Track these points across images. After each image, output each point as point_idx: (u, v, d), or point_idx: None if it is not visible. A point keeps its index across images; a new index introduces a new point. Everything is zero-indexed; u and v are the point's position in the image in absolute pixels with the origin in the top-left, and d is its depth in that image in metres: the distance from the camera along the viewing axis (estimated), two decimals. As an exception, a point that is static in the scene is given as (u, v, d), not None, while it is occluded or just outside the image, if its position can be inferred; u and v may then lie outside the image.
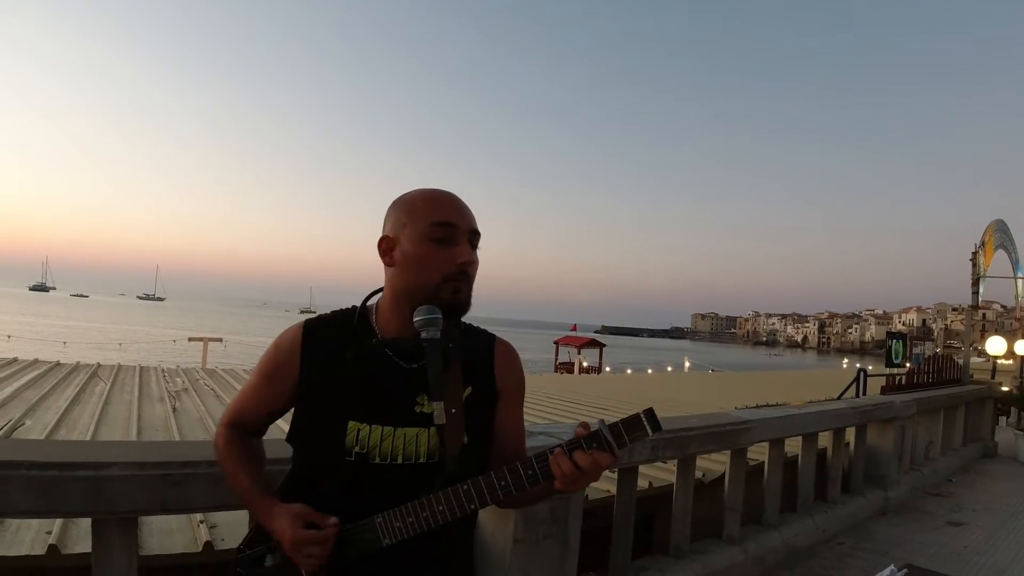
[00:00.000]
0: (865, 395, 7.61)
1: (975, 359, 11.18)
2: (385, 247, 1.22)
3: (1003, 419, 10.94)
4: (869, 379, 8.37)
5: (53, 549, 2.29)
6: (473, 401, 1.23)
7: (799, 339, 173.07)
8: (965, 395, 7.99)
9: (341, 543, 1.14)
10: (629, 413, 1.05)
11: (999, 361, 12.91)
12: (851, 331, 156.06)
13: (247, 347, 32.67)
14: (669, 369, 34.59)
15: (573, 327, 38.07)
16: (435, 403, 1.15)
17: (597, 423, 1.06)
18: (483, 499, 1.09)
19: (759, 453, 4.42)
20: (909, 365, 8.63)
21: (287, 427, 1.28)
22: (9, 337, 29.18)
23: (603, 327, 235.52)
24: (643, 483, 3.73)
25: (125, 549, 1.70)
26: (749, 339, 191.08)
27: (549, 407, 8.14)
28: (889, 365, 8.89)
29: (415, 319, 1.16)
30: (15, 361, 9.22)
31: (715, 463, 4.55)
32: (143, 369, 9.47)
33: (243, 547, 1.25)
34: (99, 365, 9.66)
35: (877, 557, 4.23)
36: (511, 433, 1.30)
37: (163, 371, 9.54)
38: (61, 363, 9.54)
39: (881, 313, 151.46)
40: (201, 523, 2.59)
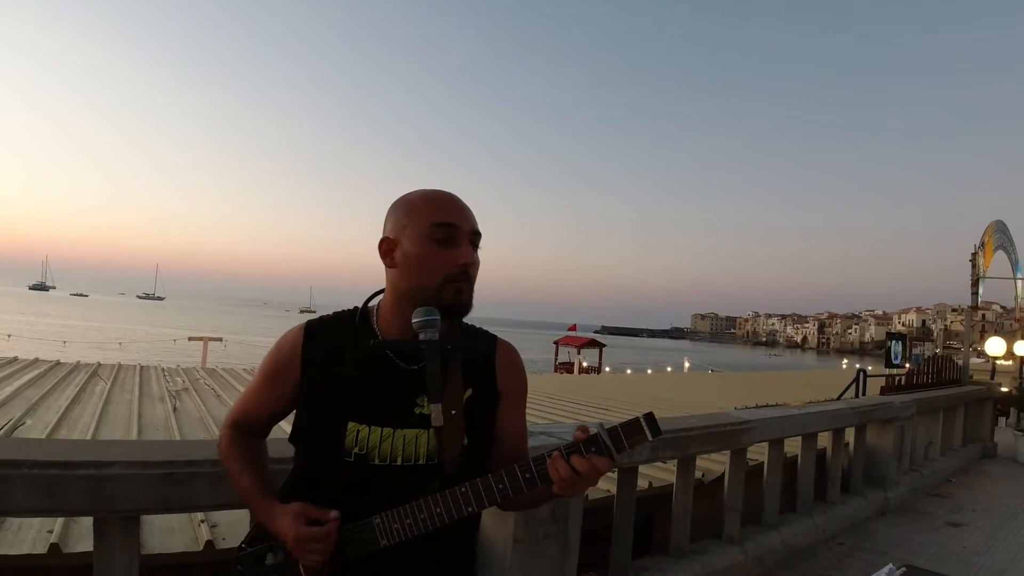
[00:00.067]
0: (865, 395, 7.61)
1: (975, 360, 11.19)
2: (386, 248, 1.22)
3: (1002, 420, 10.94)
4: (869, 379, 8.35)
5: (55, 548, 2.31)
6: (474, 402, 1.22)
7: (799, 339, 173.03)
8: (964, 396, 7.99)
9: (340, 543, 1.14)
10: (629, 413, 1.03)
11: (998, 362, 12.93)
12: (851, 332, 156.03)
13: (247, 347, 32.69)
14: (669, 369, 34.58)
15: (572, 327, 38.02)
16: (433, 405, 1.14)
17: (596, 426, 1.05)
18: (481, 502, 1.08)
19: (759, 453, 4.43)
20: (908, 366, 8.65)
21: (289, 427, 1.29)
22: (9, 336, 29.19)
23: (603, 327, 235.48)
24: (643, 483, 3.74)
25: (127, 548, 1.71)
26: (749, 339, 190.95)
27: (549, 407, 8.15)
28: (889, 366, 8.90)
29: (413, 320, 1.15)
30: (15, 360, 9.23)
31: (715, 463, 4.56)
32: (143, 368, 9.48)
33: (244, 545, 1.26)
34: (99, 364, 9.67)
35: (876, 557, 4.23)
36: (513, 434, 1.29)
37: (163, 370, 9.55)
38: (61, 362, 9.56)
39: (881, 314, 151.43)
40: (202, 522, 2.60)
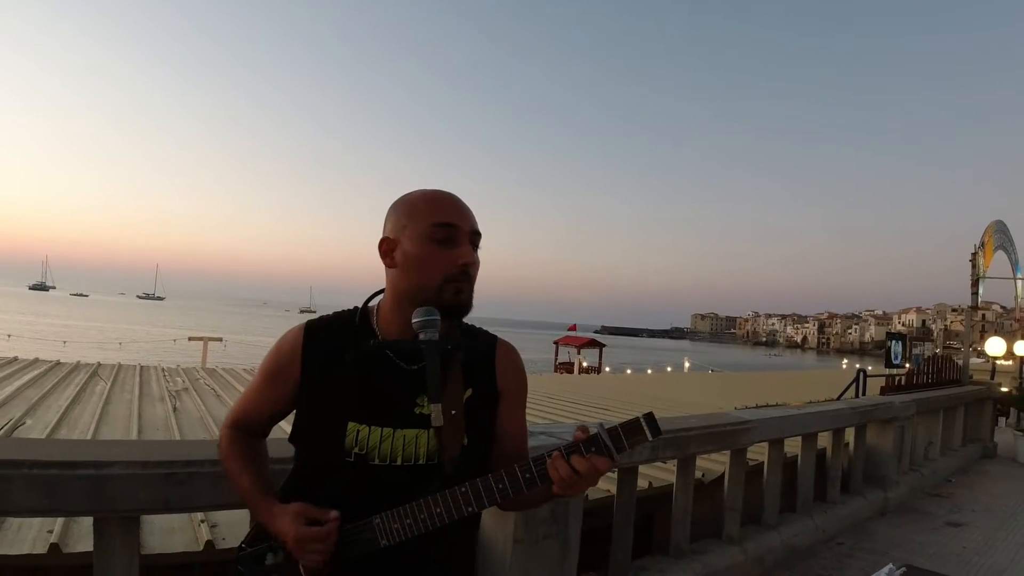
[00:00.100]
0: (864, 395, 7.61)
1: (975, 360, 11.19)
2: (386, 248, 1.22)
3: (1002, 420, 10.94)
4: (868, 379, 8.35)
5: (55, 548, 2.31)
6: (474, 402, 1.22)
7: (799, 339, 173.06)
8: (964, 396, 8.00)
9: (340, 543, 1.14)
10: (629, 413, 1.03)
11: (998, 362, 12.93)
12: (851, 332, 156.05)
13: (247, 347, 32.68)
14: (669, 369, 34.58)
15: (572, 327, 38.01)
16: (433, 405, 1.14)
17: (596, 426, 1.04)
18: (480, 502, 1.08)
19: (759, 453, 4.43)
20: (908, 366, 8.65)
21: (289, 427, 1.29)
22: (9, 336, 29.17)
23: (603, 327, 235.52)
24: (643, 483, 3.74)
25: (127, 548, 1.71)
26: (749, 339, 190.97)
27: (549, 407, 8.16)
28: (889, 366, 8.90)
29: (413, 320, 1.15)
30: (15, 360, 9.23)
31: (715, 463, 4.56)
32: (143, 368, 9.48)
33: (244, 545, 1.26)
34: (99, 364, 9.67)
35: (876, 557, 4.24)
36: (513, 434, 1.29)
37: (163, 370, 9.55)
38: (61, 362, 9.56)
39: (881, 314, 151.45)
40: (202, 522, 2.60)
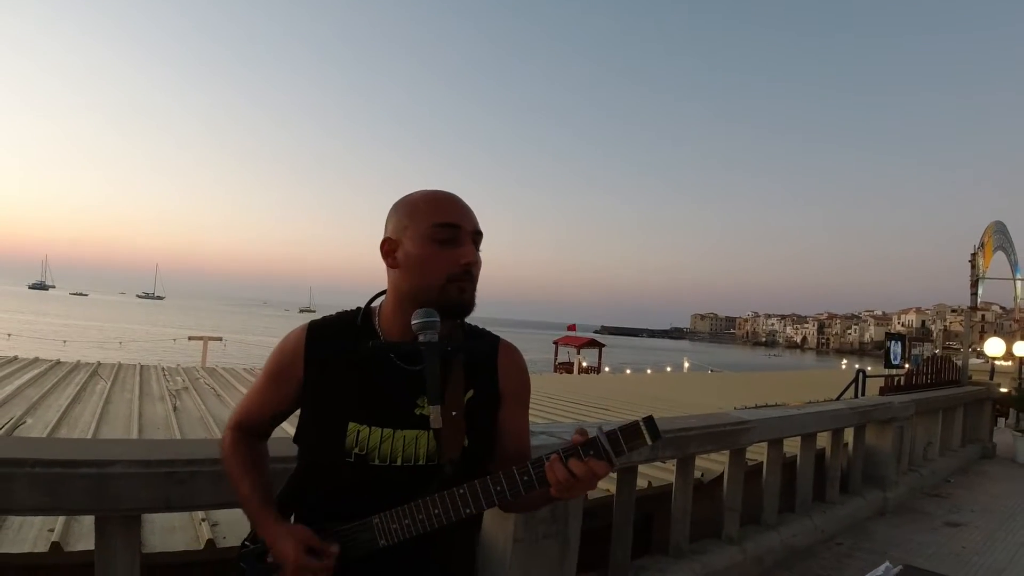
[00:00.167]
0: (864, 396, 7.62)
1: (974, 360, 11.20)
2: (388, 248, 1.22)
3: (1002, 420, 10.95)
4: (868, 380, 8.36)
5: (56, 546, 2.31)
6: (475, 403, 1.22)
7: (798, 340, 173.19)
8: (964, 396, 8.00)
9: (340, 543, 1.14)
10: (629, 413, 1.03)
11: (998, 362, 12.96)
12: (850, 332, 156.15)
13: (247, 346, 32.66)
14: (668, 369, 34.55)
15: (571, 327, 38.01)
16: (432, 407, 1.14)
17: (595, 429, 1.03)
18: (479, 503, 1.08)
19: (758, 453, 4.43)
20: (908, 366, 8.67)
21: (291, 427, 1.29)
22: (9, 336, 29.13)
23: (602, 327, 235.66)
24: (642, 483, 3.74)
25: (128, 546, 1.72)
26: (748, 340, 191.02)
27: (549, 407, 8.15)
28: (888, 366, 8.92)
29: (413, 322, 1.15)
30: (15, 360, 9.23)
31: (714, 463, 4.56)
32: (143, 368, 9.48)
33: (247, 542, 1.26)
34: (99, 364, 9.67)
35: (875, 557, 4.24)
36: (515, 436, 1.28)
37: (163, 370, 9.55)
38: (61, 362, 9.56)
39: (880, 314, 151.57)
40: (203, 521, 2.61)
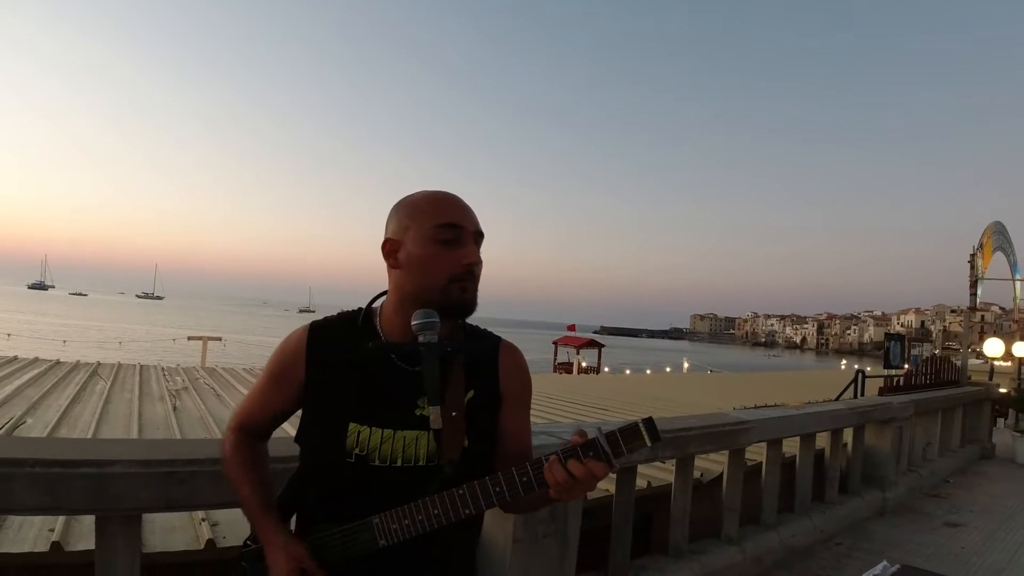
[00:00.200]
0: (863, 396, 7.62)
1: (973, 361, 11.21)
2: (389, 249, 1.22)
3: (1001, 421, 10.95)
4: (867, 380, 8.37)
5: (56, 546, 2.31)
6: (475, 404, 1.22)
7: (798, 340, 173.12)
8: (963, 397, 8.02)
9: (340, 543, 1.15)
10: (628, 414, 1.03)
11: (997, 363, 12.97)
12: (850, 332, 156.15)
13: (247, 346, 32.70)
14: (668, 370, 34.55)
15: (571, 327, 37.99)
16: (432, 407, 1.14)
17: (594, 431, 1.03)
18: (478, 504, 1.08)
19: (757, 453, 4.44)
20: (907, 366, 8.66)
21: (290, 428, 1.29)
22: (9, 335, 29.13)
23: (602, 327, 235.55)
24: (641, 483, 3.74)
25: (128, 546, 1.72)
26: (748, 340, 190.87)
27: (548, 407, 8.15)
28: (887, 366, 8.91)
29: (412, 323, 1.15)
30: (15, 359, 9.23)
31: (713, 463, 4.56)
32: (143, 368, 9.48)
33: (249, 541, 1.27)
34: (99, 364, 9.66)
35: (875, 557, 4.22)
36: (516, 436, 1.28)
37: (163, 370, 9.55)
38: (61, 361, 9.56)
39: (880, 314, 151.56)
40: (203, 521, 2.61)
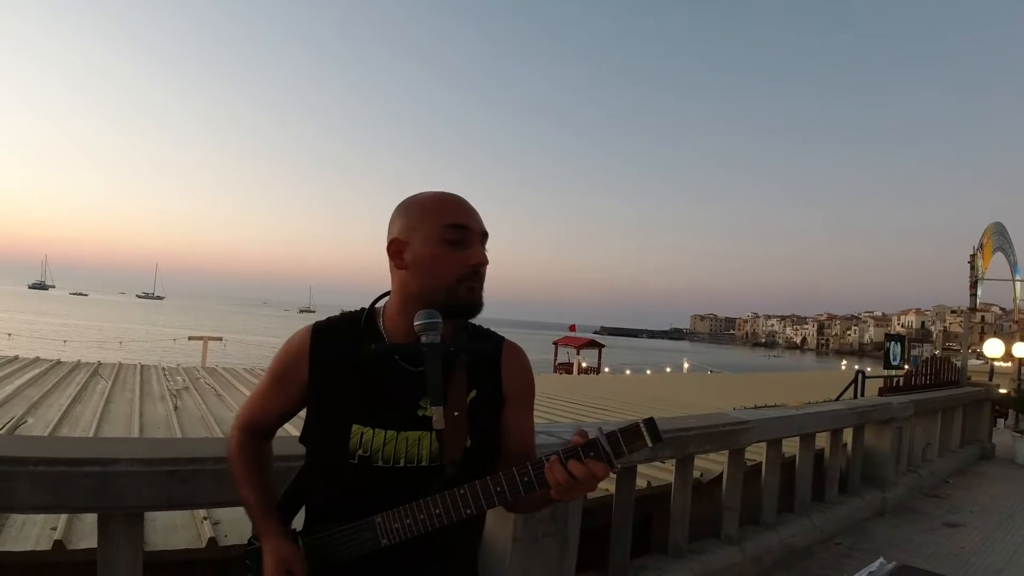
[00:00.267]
0: (863, 396, 7.63)
1: (973, 361, 11.21)
2: (395, 249, 1.22)
3: (1001, 421, 10.96)
4: (867, 380, 8.37)
5: (59, 544, 2.32)
6: (478, 404, 1.23)
7: (798, 340, 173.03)
8: (963, 397, 8.02)
9: (342, 543, 1.16)
10: (628, 414, 1.03)
11: (997, 363, 12.97)
12: (850, 333, 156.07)
13: (247, 346, 32.73)
14: (668, 370, 34.55)
15: (571, 327, 37.98)
16: (434, 408, 1.15)
17: (595, 431, 1.03)
18: (479, 503, 1.09)
19: (757, 453, 4.45)
20: (907, 367, 8.67)
21: (291, 428, 1.30)
22: (9, 335, 29.14)
23: (602, 328, 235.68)
24: (641, 483, 3.75)
25: (131, 545, 1.73)
26: (748, 340, 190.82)
27: (548, 407, 8.16)
28: (887, 367, 8.92)
29: (415, 323, 1.15)
30: (16, 359, 9.24)
31: (713, 463, 4.57)
32: (144, 368, 9.48)
33: (253, 539, 1.27)
34: (100, 363, 9.67)
35: (874, 558, 4.20)
36: (519, 436, 1.28)
37: (164, 370, 9.55)
38: (62, 361, 9.56)
39: (880, 315, 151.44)
40: (205, 519, 2.62)
